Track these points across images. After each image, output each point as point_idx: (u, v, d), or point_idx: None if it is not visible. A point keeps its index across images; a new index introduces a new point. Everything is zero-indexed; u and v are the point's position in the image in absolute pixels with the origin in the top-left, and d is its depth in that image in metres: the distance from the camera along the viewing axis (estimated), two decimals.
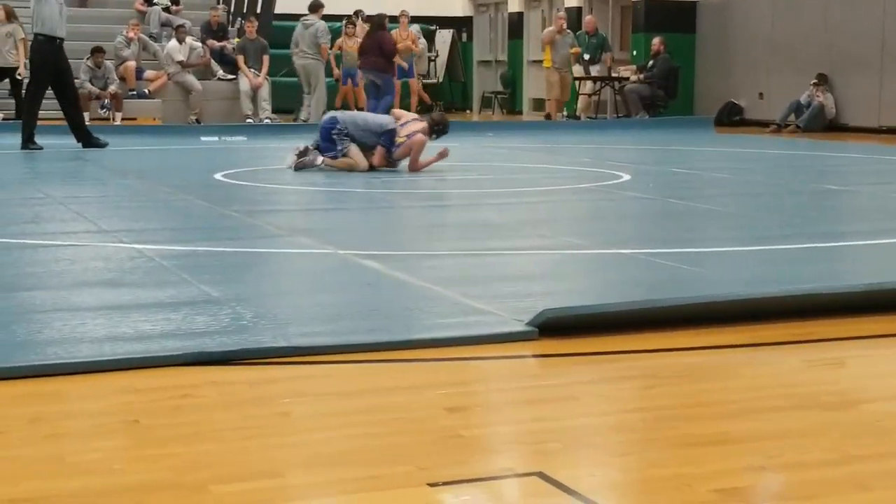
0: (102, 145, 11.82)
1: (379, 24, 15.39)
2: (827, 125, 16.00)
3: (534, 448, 2.66)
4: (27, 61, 15.12)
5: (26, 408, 2.92)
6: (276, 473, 2.45)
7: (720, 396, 3.09)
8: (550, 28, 17.33)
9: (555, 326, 3.67)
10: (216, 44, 16.66)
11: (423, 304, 4.11)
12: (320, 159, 9.33)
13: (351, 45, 17.57)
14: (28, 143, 11.50)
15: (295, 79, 16.66)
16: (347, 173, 9.17)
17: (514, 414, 3.03)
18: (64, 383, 3.14)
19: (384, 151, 9.21)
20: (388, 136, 9.20)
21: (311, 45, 15.79)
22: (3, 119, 15.06)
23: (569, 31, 17.18)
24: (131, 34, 16.20)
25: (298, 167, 9.31)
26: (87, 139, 11.85)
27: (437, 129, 9.25)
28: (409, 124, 9.29)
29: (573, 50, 17.16)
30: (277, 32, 17.52)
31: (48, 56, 11.32)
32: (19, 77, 14.97)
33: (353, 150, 9.21)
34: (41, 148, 11.36)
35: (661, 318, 3.80)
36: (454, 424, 2.79)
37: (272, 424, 2.81)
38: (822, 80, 16.08)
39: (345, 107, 17.52)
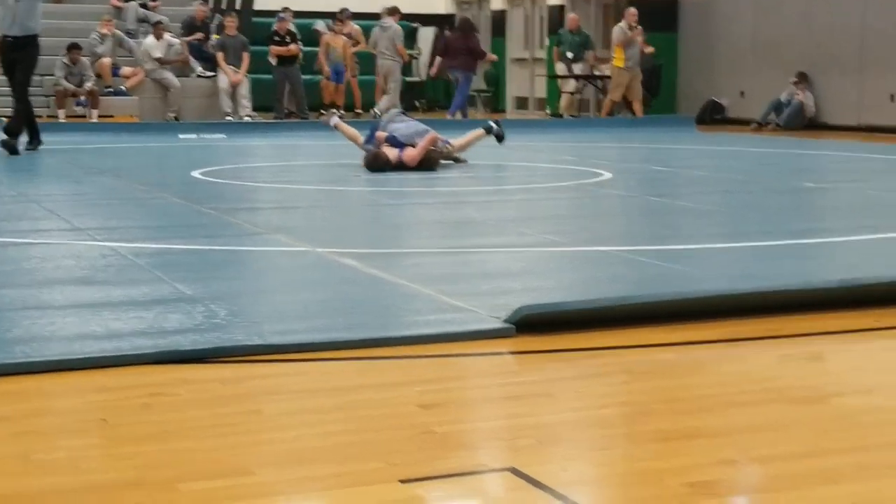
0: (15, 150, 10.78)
1: (468, 26, 16.97)
2: (807, 123, 16.06)
3: (507, 444, 2.64)
4: None
5: None
6: (247, 471, 2.42)
7: (694, 392, 3.08)
8: (621, 25, 16.21)
9: (531, 323, 3.66)
10: (194, 39, 16.59)
11: (400, 301, 4.09)
12: (334, 119, 10.03)
13: (337, 42, 17.53)
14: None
15: (270, 76, 16.79)
16: (334, 168, 9.15)
17: (488, 410, 3.01)
18: (32, 382, 3.11)
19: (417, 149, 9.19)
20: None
21: (389, 46, 16.81)
22: None
23: (640, 27, 16.11)
24: (105, 30, 16.09)
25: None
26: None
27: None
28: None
29: (648, 50, 16.41)
30: (257, 29, 17.45)
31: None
32: None
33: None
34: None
35: (638, 315, 3.79)
36: (428, 421, 2.77)
37: (244, 422, 2.78)
38: (803, 79, 16.13)
39: (333, 104, 17.53)
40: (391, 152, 9.17)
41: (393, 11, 17.12)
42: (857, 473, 2.40)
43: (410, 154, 9.11)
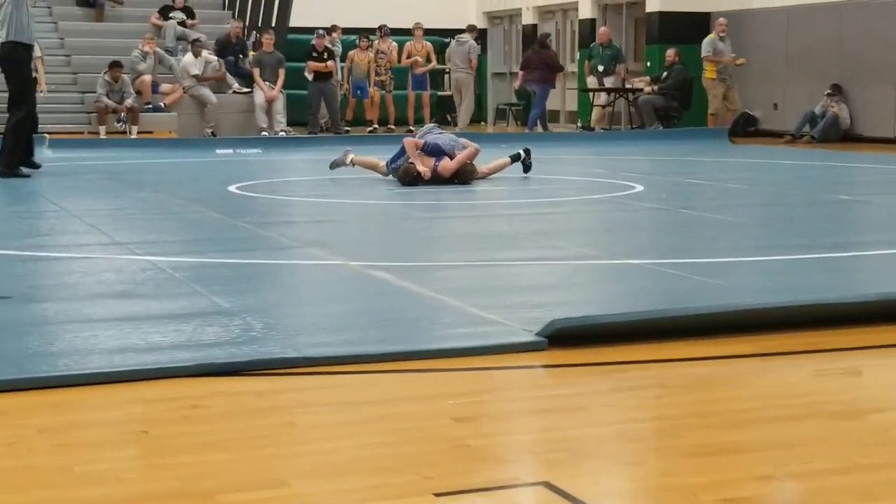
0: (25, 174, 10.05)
1: (544, 41, 17.73)
2: (842, 136, 15.94)
3: (541, 458, 2.66)
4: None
5: (36, 418, 2.94)
6: (283, 483, 2.46)
7: (729, 406, 3.08)
8: (711, 36, 16.29)
9: (564, 337, 3.67)
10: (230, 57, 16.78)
11: (433, 314, 4.12)
12: (350, 156, 9.83)
13: (361, 58, 17.65)
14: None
15: (305, 91, 16.96)
16: (367, 183, 9.20)
17: (521, 424, 3.03)
18: (74, 394, 3.16)
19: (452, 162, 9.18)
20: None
21: (464, 60, 17.70)
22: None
23: (728, 38, 16.19)
24: (147, 48, 16.29)
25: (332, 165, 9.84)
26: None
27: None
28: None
29: (739, 62, 16.25)
30: (291, 45, 17.59)
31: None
32: (41, 93, 15.02)
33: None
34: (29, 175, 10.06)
35: (671, 329, 3.80)
36: (461, 434, 2.80)
37: (280, 434, 2.82)
38: (837, 91, 16.03)
39: (357, 120, 17.65)
40: (427, 161, 9.15)
41: (471, 29, 18.51)
42: (894, 490, 2.39)
43: (447, 165, 9.13)
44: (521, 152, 10.08)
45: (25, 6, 9.89)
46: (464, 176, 9.18)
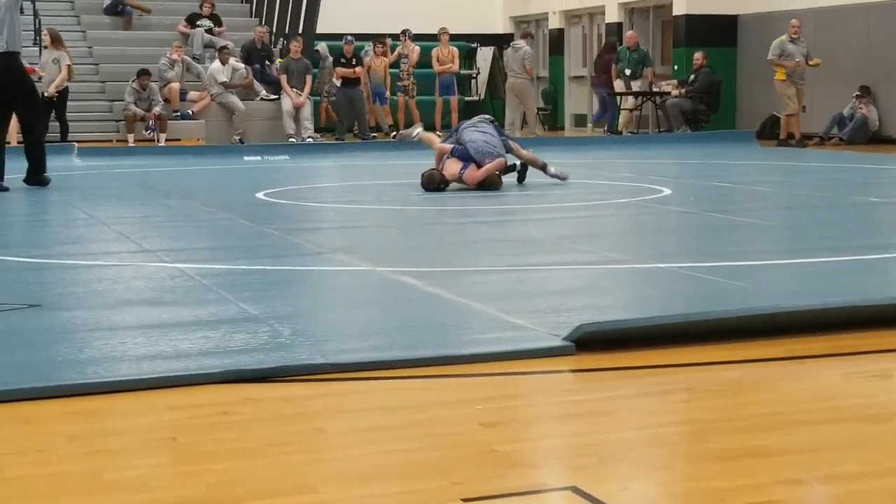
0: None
1: (611, 47, 18.03)
2: (870, 137, 15.82)
3: (569, 463, 2.66)
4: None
5: (66, 425, 2.97)
6: (312, 489, 2.46)
7: (757, 410, 3.07)
8: (781, 38, 15.59)
9: (592, 341, 3.66)
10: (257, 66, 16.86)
11: (461, 319, 4.12)
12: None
13: (378, 64, 17.68)
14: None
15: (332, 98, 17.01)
16: (394, 188, 9.22)
17: (549, 429, 3.02)
18: (103, 401, 3.18)
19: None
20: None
21: (520, 66, 17.58)
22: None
23: (803, 39, 15.58)
24: (175, 56, 16.40)
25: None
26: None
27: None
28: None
29: (813, 62, 15.47)
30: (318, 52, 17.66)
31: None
32: (47, 96, 15.05)
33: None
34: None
35: (699, 332, 3.78)
36: (489, 439, 2.80)
37: (308, 440, 2.83)
38: (865, 93, 15.91)
39: (379, 126, 17.70)
40: (454, 167, 9.14)
41: (525, 34, 18.93)
42: None
43: (472, 175, 9.10)
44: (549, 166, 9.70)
45: (20, 12, 9.50)
46: (488, 185, 9.12)
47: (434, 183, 9.06)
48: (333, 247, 6.19)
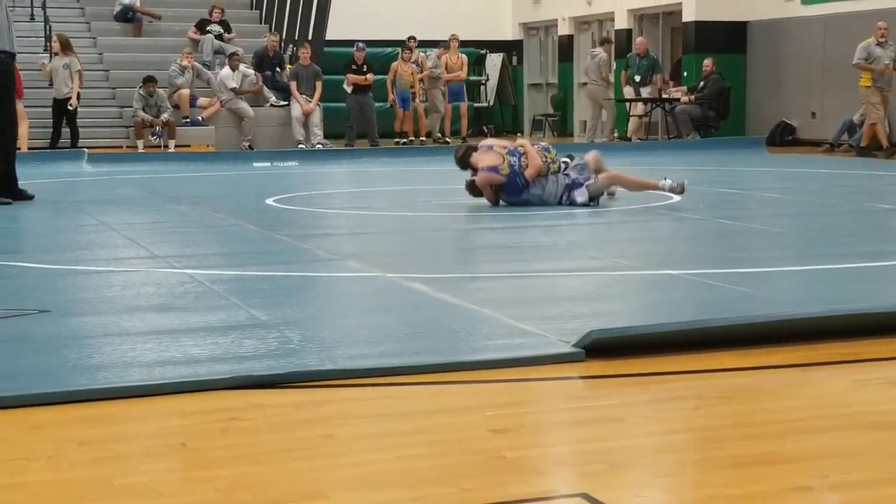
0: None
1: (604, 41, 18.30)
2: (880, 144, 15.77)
3: (578, 469, 2.65)
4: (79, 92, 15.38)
5: (75, 431, 2.97)
6: (321, 495, 2.47)
7: (767, 417, 3.06)
8: (867, 41, 14.70)
9: (601, 348, 3.66)
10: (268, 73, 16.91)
11: (470, 325, 4.12)
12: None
13: (405, 69, 17.72)
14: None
15: (342, 104, 17.08)
16: (403, 195, 9.20)
17: (559, 435, 3.02)
18: (113, 407, 3.19)
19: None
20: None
21: (596, 73, 17.77)
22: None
23: (891, 43, 14.70)
24: (185, 62, 16.45)
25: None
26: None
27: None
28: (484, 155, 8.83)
29: None
30: (327, 58, 17.69)
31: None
32: (71, 108, 15.23)
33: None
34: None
35: (709, 339, 3.77)
36: (499, 446, 2.79)
37: (317, 446, 2.83)
38: None
39: (404, 132, 17.74)
40: (493, 195, 8.54)
41: (603, 41, 18.62)
42: None
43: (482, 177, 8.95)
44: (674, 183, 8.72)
45: (5, 9, 8.86)
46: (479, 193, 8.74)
47: (475, 191, 8.52)
48: (343, 253, 6.20)
